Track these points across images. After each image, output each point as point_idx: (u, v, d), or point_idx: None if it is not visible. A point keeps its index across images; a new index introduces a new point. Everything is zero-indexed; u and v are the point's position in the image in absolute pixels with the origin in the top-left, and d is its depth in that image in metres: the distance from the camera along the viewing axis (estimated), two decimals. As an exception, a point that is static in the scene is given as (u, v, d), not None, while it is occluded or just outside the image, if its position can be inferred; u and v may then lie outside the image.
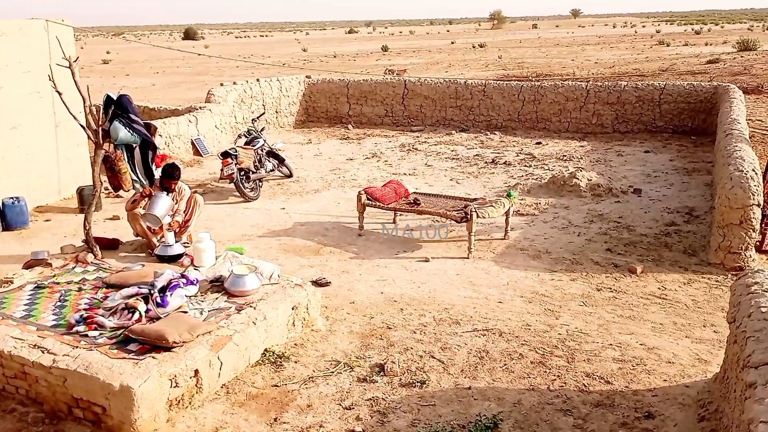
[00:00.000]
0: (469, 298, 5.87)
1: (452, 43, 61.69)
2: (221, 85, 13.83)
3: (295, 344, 4.94)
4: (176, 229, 6.31)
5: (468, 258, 6.84)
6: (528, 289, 6.03)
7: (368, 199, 7.51)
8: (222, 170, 8.90)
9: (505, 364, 4.65)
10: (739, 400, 2.95)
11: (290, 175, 10.22)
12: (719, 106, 11.57)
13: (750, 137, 10.56)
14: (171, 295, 4.67)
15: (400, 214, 7.96)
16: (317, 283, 6.10)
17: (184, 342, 4.15)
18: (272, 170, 9.99)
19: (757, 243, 6.43)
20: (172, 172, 6.32)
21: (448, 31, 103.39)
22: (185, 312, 4.61)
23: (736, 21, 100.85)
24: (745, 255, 6.20)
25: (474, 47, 51.37)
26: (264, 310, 4.79)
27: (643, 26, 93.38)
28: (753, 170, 6.30)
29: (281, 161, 10.15)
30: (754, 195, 6.08)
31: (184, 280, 4.90)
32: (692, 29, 71.65)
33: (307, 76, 15.82)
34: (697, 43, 46.12)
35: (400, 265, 6.71)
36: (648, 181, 9.54)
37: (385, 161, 11.35)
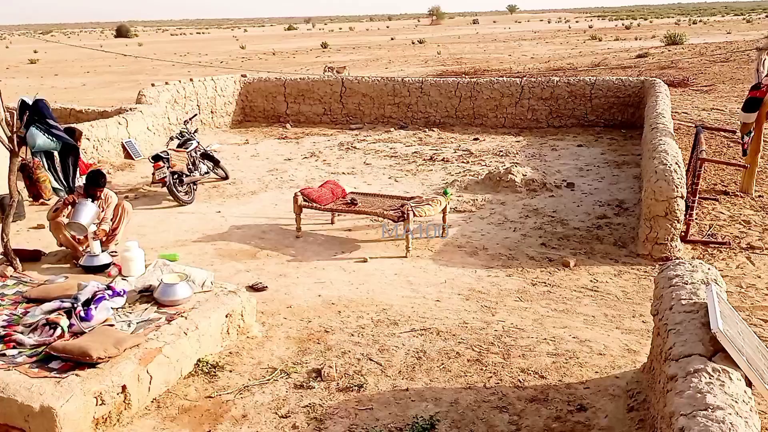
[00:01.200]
0: (407, 297, 5.87)
1: (392, 39, 61.87)
2: (153, 85, 13.43)
3: (230, 353, 4.83)
4: (103, 238, 6.07)
5: (406, 257, 6.84)
6: (465, 287, 6.07)
7: (305, 200, 7.42)
8: (154, 174, 8.64)
9: (443, 364, 4.66)
10: (663, 392, 3.03)
11: (226, 177, 10.01)
12: (646, 99, 11.96)
13: (676, 129, 10.96)
14: (96, 308, 4.48)
15: (338, 215, 7.90)
16: (253, 288, 5.99)
17: (110, 357, 3.99)
18: (207, 173, 9.76)
19: (682, 233, 6.67)
20: (97, 179, 6.07)
21: (387, 27, 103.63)
22: (111, 325, 4.44)
23: (664, 15, 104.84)
24: (671, 245, 6.42)
25: (413, 43, 51.64)
26: (196, 319, 4.66)
27: (577, 21, 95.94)
28: (676, 163, 6.52)
29: (216, 163, 9.93)
30: (677, 187, 6.29)
31: (110, 292, 4.72)
32: (623, 24, 74.06)
33: (242, 75, 15.54)
34: (627, 37, 47.66)
35: (339, 266, 6.66)
36: (581, 175, 9.78)
37: (324, 160, 11.26)
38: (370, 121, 14.64)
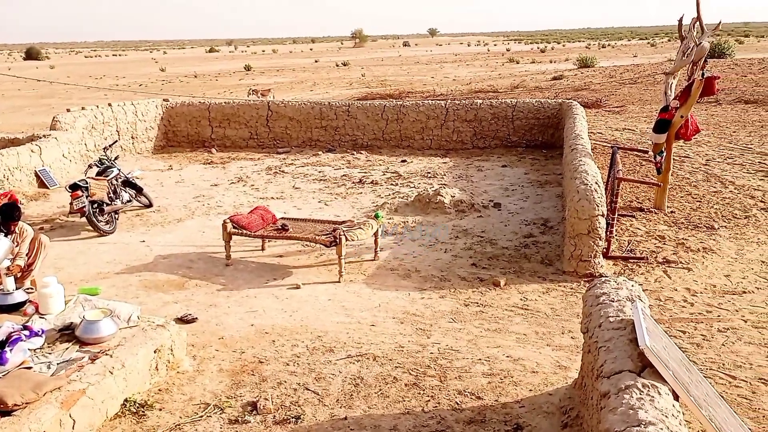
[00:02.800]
0: (342, 323, 5.83)
1: (316, 61, 62.05)
2: (68, 110, 12.88)
3: (159, 390, 4.63)
4: (17, 274, 5.72)
5: (339, 282, 6.80)
6: (399, 310, 6.09)
7: (234, 227, 7.27)
8: (72, 203, 8.25)
9: (380, 390, 4.63)
10: (596, 408, 3.11)
11: (150, 205, 9.69)
12: (564, 121, 12.47)
13: (593, 149, 11.46)
14: (11, 350, 4.19)
15: (269, 241, 7.78)
16: (182, 320, 5.79)
17: (27, 403, 3.74)
18: (129, 201, 9.41)
19: (604, 250, 6.94)
20: (10, 213, 5.73)
21: (311, 49, 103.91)
22: (29, 368, 4.17)
23: (576, 40, 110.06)
24: (595, 262, 6.68)
25: (338, 66, 51.98)
26: (122, 356, 4.44)
27: (495, 45, 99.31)
28: (596, 183, 6.81)
29: (139, 190, 9.59)
30: (598, 206, 6.57)
31: (27, 332, 4.43)
32: (538, 48, 77.22)
33: (165, 99, 15.15)
34: (542, 60, 49.74)
35: (271, 293, 6.54)
36: (506, 195, 10.05)
37: (252, 185, 11.09)
38: (297, 145, 14.56)
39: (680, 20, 8.71)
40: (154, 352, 4.70)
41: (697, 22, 8.35)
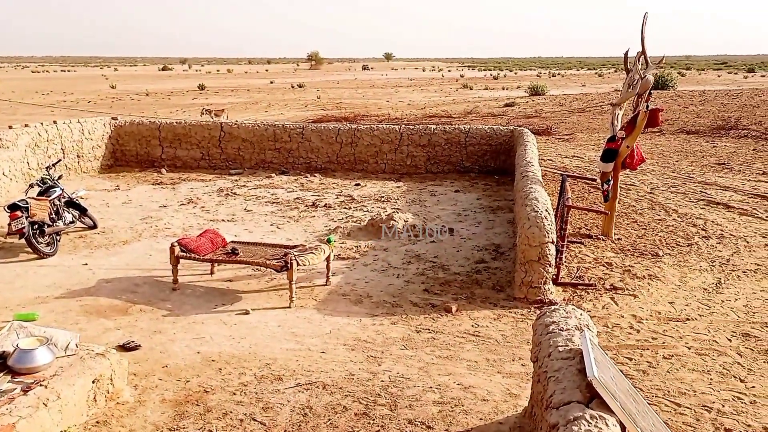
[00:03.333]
0: (291, 350, 5.71)
1: (271, 82, 61.90)
2: (10, 127, 12.43)
3: (98, 422, 4.42)
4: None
5: (290, 307, 6.69)
6: (350, 337, 6.01)
7: (182, 250, 7.08)
8: (10, 225, 7.91)
9: (330, 420, 4.54)
10: (545, 439, 3.10)
11: (94, 226, 9.38)
12: (516, 148, 12.69)
13: (543, 176, 11.68)
14: (-64, 382, 3.95)
15: (219, 265, 7.61)
16: (124, 348, 5.58)
17: (-48, 440, 3.51)
18: (72, 222, 9.09)
19: (554, 276, 7.03)
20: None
21: (266, 70, 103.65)
22: (-44, 401, 3.92)
23: (527, 68, 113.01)
24: (545, 288, 6.75)
25: (293, 87, 51.95)
26: (57, 387, 4.23)
27: (449, 70, 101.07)
28: (546, 210, 6.91)
29: (83, 211, 9.28)
30: (548, 233, 6.66)
31: (-46, 363, 4.18)
32: (491, 74, 78.95)
33: (113, 118, 14.79)
34: (495, 87, 50.82)
35: (219, 319, 6.37)
36: (459, 220, 10.12)
37: (202, 207, 10.87)
38: (250, 167, 14.39)
39: (626, 53, 9.01)
40: (93, 382, 4.50)
41: (642, 56, 8.65)
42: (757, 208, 10.51)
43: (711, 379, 5.13)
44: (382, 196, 11.72)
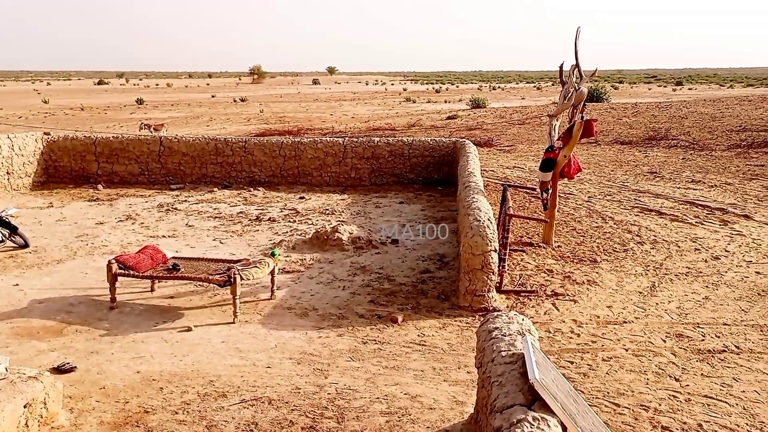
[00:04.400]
0: (236, 366, 5.61)
1: (213, 96, 61.04)
2: (-66, 142, 11.84)
3: (31, 449, 4.22)
4: None
5: (234, 323, 6.57)
6: (296, 350, 5.94)
7: (120, 267, 6.87)
8: (-67, 245, 7.52)
9: (276, 435, 4.47)
10: (490, 443, 3.14)
11: (26, 245, 9.00)
12: (458, 159, 12.89)
13: (485, 186, 11.89)
14: None
15: (160, 282, 7.42)
16: (59, 370, 5.37)
17: None
18: (2, 241, 8.71)
19: (497, 284, 7.15)
20: None
21: (208, 84, 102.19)
22: None
23: (468, 81, 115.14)
24: (488, 296, 6.85)
25: (235, 101, 51.36)
26: (-14, 414, 4.02)
27: (392, 84, 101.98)
28: (488, 219, 7.04)
29: (13, 230, 8.90)
30: (491, 242, 6.78)
31: None
32: (433, 88, 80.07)
33: (45, 133, 14.28)
34: (438, 100, 51.57)
35: (160, 337, 6.20)
36: (404, 231, 10.18)
37: (141, 223, 10.58)
38: (191, 181, 14.12)
39: (561, 67, 9.30)
40: (24, 407, 4.30)
41: (576, 69, 8.95)
42: (687, 214, 10.98)
43: (648, 379, 5.31)
44: (327, 209, 11.69)
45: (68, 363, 5.49)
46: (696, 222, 10.46)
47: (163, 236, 9.82)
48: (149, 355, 5.80)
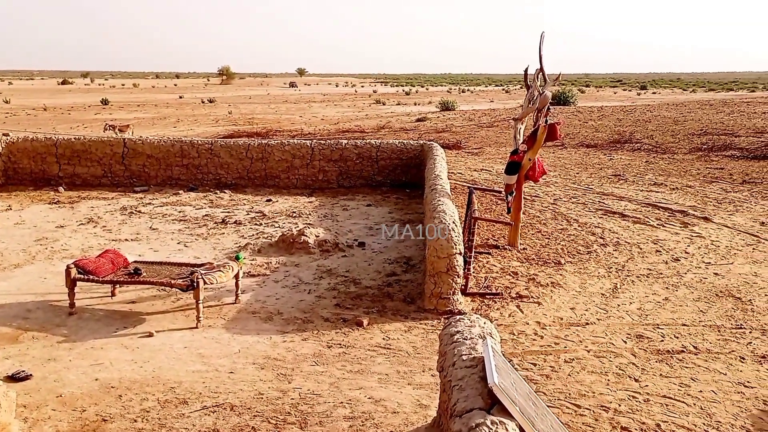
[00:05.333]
0: (198, 372, 5.52)
1: (180, 97, 60.26)
2: None
3: (-18, 461, 4.10)
4: None
5: (197, 328, 6.48)
6: (260, 355, 5.89)
7: (80, 272, 6.72)
8: None
9: (237, 442, 4.41)
10: (450, 448, 3.14)
11: (-18, 249, 8.76)
12: (426, 162, 12.93)
13: (453, 189, 11.96)
14: None
15: (121, 287, 7.28)
16: (13, 378, 5.23)
17: None
18: (-43, 245, 8.46)
19: (462, 287, 7.19)
20: None
21: (175, 85, 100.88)
22: None
23: (438, 84, 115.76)
24: (454, 299, 6.88)
25: (203, 102, 50.78)
26: (-66, 426, 3.90)
27: (362, 86, 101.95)
28: (454, 222, 7.07)
29: (-31, 233, 8.66)
30: (456, 245, 6.80)
31: None
32: (403, 90, 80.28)
33: (4, 134, 13.93)
34: (407, 102, 51.71)
35: (120, 343, 6.08)
36: (371, 234, 10.17)
37: (104, 227, 10.38)
38: (156, 183, 13.91)
39: (526, 70, 9.39)
40: (-24, 417, 4.17)
41: (541, 73, 9.05)
42: (649, 216, 11.19)
43: (608, 380, 5.38)
44: (294, 212, 11.62)
45: (23, 371, 5.35)
46: (657, 224, 10.66)
47: (126, 240, 9.65)
48: (108, 361, 5.68)
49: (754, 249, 9.27)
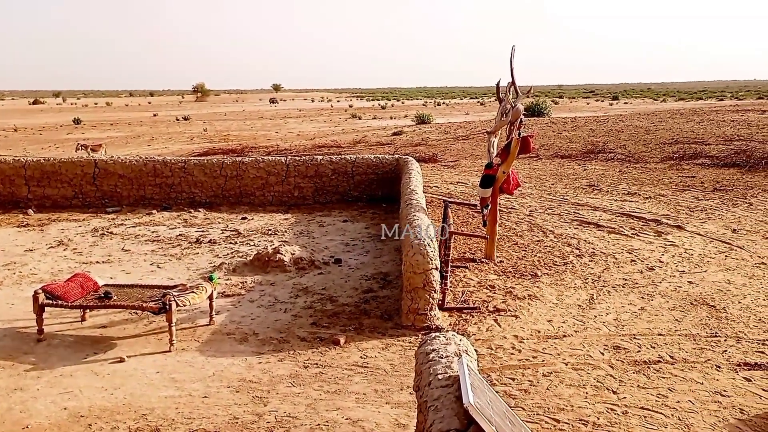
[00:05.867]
0: (171, 397, 5.40)
1: (155, 115, 59.80)
2: None
3: (-58, 499, 3.94)
4: None
5: (170, 351, 6.34)
6: (235, 378, 5.77)
7: (48, 297, 6.56)
8: None
9: (211, 470, 4.30)
10: (426, 471, 3.08)
11: (-53, 276, 8.52)
12: (402, 176, 12.92)
13: (429, 203, 11.95)
14: None
15: (92, 311, 7.11)
16: (-22, 411, 5.05)
17: None
18: None
19: (439, 302, 7.14)
20: None
21: (149, 103, 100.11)
22: None
23: (414, 97, 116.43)
24: (431, 315, 6.83)
25: (178, 120, 50.42)
26: None
27: (338, 101, 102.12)
28: (430, 237, 7.03)
29: (-66, 260, 8.42)
30: (432, 260, 6.77)
31: None
32: (379, 104, 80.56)
33: (-28, 156, 13.64)
34: (383, 116, 51.86)
35: (90, 370, 5.93)
36: (347, 250, 10.10)
37: (74, 249, 10.17)
38: (129, 204, 13.70)
39: (498, 83, 9.45)
40: (-64, 453, 4.01)
41: (512, 86, 9.10)
42: (624, 226, 11.28)
43: (587, 392, 5.36)
44: (270, 229, 11.51)
45: (-12, 402, 5.18)
46: (632, 234, 10.75)
47: (97, 262, 9.46)
48: (78, 389, 5.53)
49: (726, 257, 9.37)
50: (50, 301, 6.54)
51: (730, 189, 14.51)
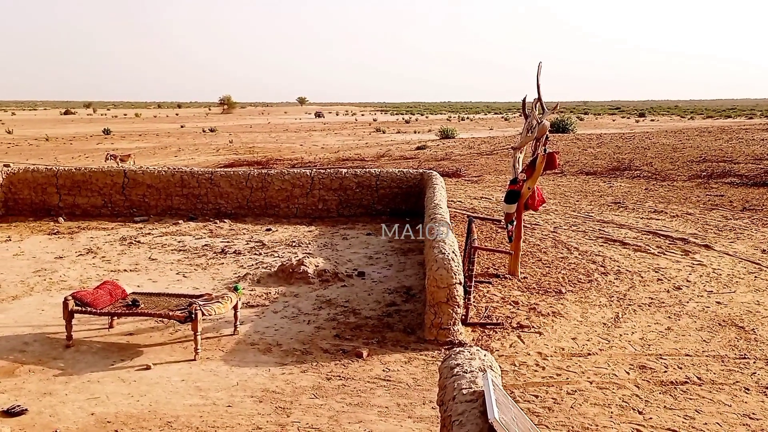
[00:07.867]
0: (195, 406, 5.45)
1: (182, 126, 60.70)
2: None
3: (-27, 500, 4.02)
4: None
5: (195, 360, 6.42)
6: (258, 388, 5.81)
7: (77, 304, 6.68)
8: None
9: (234, 479, 4.33)
10: (450, 486, 3.07)
11: (-20, 281, 8.72)
12: (426, 190, 12.94)
13: (452, 217, 11.95)
14: None
15: (119, 318, 7.22)
16: (8, 413, 5.17)
17: None
18: (-45, 277, 8.42)
19: (463, 317, 7.13)
20: None
21: (177, 114, 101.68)
22: None
23: (437, 112, 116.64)
24: (454, 330, 6.82)
25: (204, 131, 51.12)
26: (-74, 464, 3.83)
27: (362, 114, 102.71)
28: (453, 252, 7.04)
29: (-32, 265, 8.63)
30: (455, 275, 6.77)
31: None
32: (403, 118, 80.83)
33: (5, 165, 13.97)
34: (407, 130, 52.04)
35: (117, 377, 6.02)
36: (370, 263, 10.13)
37: (103, 257, 10.35)
38: (156, 213, 13.91)
39: (524, 99, 9.45)
40: (-32, 454, 4.11)
41: (539, 102, 9.10)
42: (650, 244, 11.15)
43: (612, 412, 5.30)
44: (294, 241, 11.60)
45: (19, 405, 5.28)
46: (658, 252, 10.62)
47: (125, 270, 9.61)
48: (105, 395, 5.61)
49: (756, 277, 9.22)
50: (80, 308, 6.66)
51: (760, 208, 14.28)
